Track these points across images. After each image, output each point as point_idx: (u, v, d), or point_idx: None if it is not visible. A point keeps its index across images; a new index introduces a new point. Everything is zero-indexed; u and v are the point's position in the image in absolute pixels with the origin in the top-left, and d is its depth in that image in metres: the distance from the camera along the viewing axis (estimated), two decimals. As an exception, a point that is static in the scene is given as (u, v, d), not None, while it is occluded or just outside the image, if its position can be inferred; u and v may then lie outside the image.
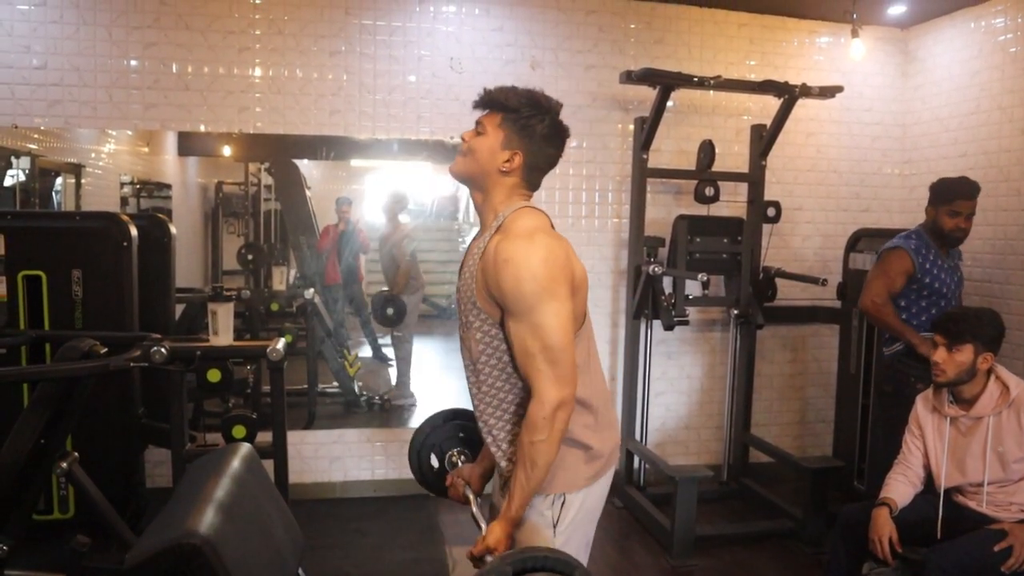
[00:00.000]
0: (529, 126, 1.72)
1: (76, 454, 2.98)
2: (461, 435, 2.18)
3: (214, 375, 2.93)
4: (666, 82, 3.80)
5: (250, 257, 4.57)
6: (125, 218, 3.48)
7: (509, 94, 1.74)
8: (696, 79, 3.80)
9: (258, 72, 3.99)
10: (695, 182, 4.19)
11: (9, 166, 4.17)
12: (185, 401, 2.95)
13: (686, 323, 4.13)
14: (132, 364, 2.65)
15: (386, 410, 4.53)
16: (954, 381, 2.69)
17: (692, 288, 4.22)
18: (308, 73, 4.03)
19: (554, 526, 1.73)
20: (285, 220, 4.52)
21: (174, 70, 3.90)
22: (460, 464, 2.12)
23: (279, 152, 4.22)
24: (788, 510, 3.94)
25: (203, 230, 4.52)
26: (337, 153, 4.21)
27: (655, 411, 4.52)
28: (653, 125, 3.95)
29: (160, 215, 3.96)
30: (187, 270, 4.36)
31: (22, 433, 2.73)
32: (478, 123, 1.77)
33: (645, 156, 4.06)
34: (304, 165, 4.34)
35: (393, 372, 4.68)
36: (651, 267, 3.89)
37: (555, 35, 4.27)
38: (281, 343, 2.94)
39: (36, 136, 3.99)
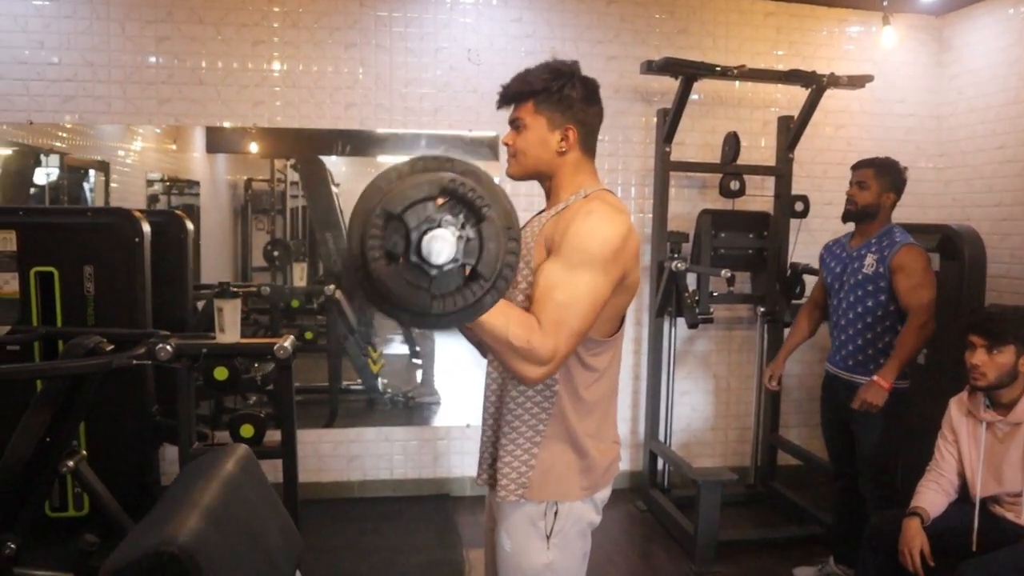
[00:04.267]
0: (565, 97, 1.64)
1: (84, 452, 2.95)
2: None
3: (221, 373, 2.88)
4: (688, 72, 3.67)
5: (275, 253, 4.53)
6: (137, 214, 3.44)
7: (529, 77, 1.66)
8: (719, 68, 3.67)
9: (273, 66, 3.94)
10: (720, 176, 4.06)
11: (39, 164, 4.21)
12: (192, 399, 2.89)
13: (711, 321, 4.00)
14: (135, 362, 2.60)
15: (409, 408, 4.45)
16: (994, 385, 2.54)
17: (717, 285, 4.09)
18: (323, 66, 3.97)
19: (547, 537, 1.63)
20: (311, 216, 4.48)
21: (188, 64, 3.86)
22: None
23: (304, 148, 4.18)
24: (817, 516, 3.79)
25: (232, 227, 4.50)
26: (360, 148, 4.15)
27: (680, 411, 4.40)
28: (675, 117, 3.82)
29: (177, 211, 3.93)
30: (216, 267, 4.37)
31: (27, 431, 2.69)
32: (513, 121, 1.69)
33: (668, 149, 3.94)
34: (332, 162, 4.29)
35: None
36: (674, 263, 3.77)
37: (575, 25, 4.16)
38: (288, 341, 2.87)
39: (63, 135, 3.99)
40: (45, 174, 4.24)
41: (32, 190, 4.18)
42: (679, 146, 4.15)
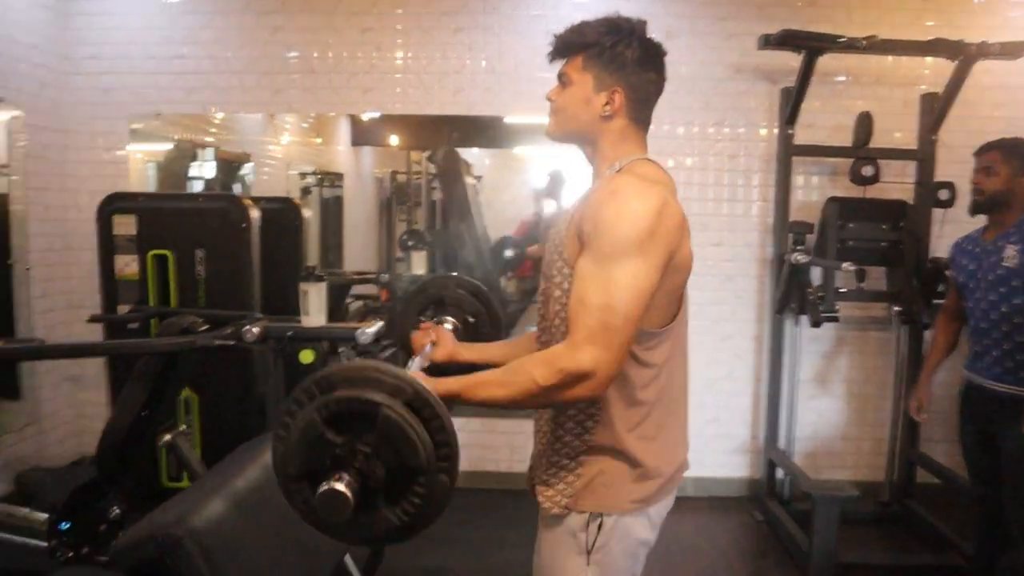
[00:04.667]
0: (618, 55, 1.45)
1: (183, 427, 3.05)
2: (471, 319, 1.95)
3: (306, 356, 2.87)
4: (809, 45, 3.34)
5: (410, 243, 4.60)
6: (247, 201, 3.53)
7: (583, 29, 1.48)
8: (843, 40, 3.31)
9: (383, 53, 3.94)
10: (851, 161, 3.68)
11: (195, 157, 4.46)
12: (280, 381, 2.92)
13: (835, 320, 3.62)
14: (218, 342, 2.64)
15: None
16: None
17: (846, 280, 3.72)
18: (432, 52, 3.94)
19: (588, 552, 1.43)
20: (445, 207, 4.50)
21: (300, 54, 3.94)
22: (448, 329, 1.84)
23: (439, 140, 4.19)
24: (957, 543, 3.36)
25: (378, 218, 4.61)
26: (495, 140, 4.14)
27: (806, 417, 4.04)
28: (798, 96, 3.50)
29: (293, 200, 4.02)
30: (361, 256, 4.52)
31: (125, 404, 2.80)
32: (560, 75, 1.52)
33: (791, 131, 3.62)
34: (475, 155, 4.29)
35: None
36: (794, 256, 3.45)
37: (692, 2, 3.90)
38: (374, 327, 2.83)
39: (213, 130, 4.23)
40: (199, 167, 4.53)
41: (189, 182, 4.45)
42: (808, 129, 3.81)
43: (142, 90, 3.97)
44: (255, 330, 2.79)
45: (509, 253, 4.34)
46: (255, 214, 3.52)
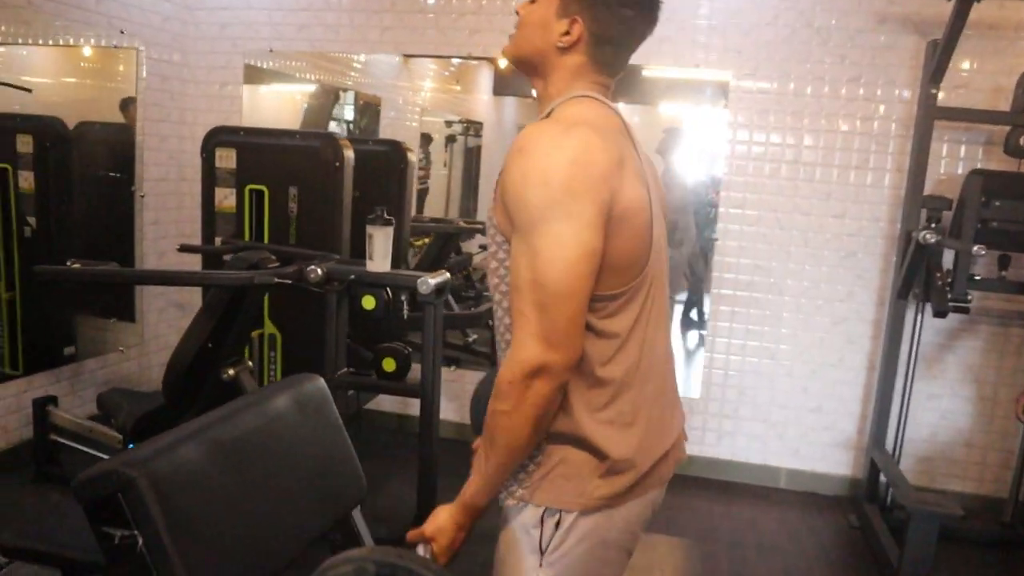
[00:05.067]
0: None
1: (250, 363, 3.10)
2: None
3: (368, 301, 2.82)
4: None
5: None
6: (343, 140, 3.50)
7: None
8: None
9: (491, -7, 3.78)
10: (1008, 129, 3.18)
11: (337, 99, 4.60)
12: (341, 325, 2.89)
13: (965, 311, 3.18)
14: (277, 280, 2.62)
15: None
16: None
17: (985, 267, 3.25)
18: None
19: (541, 552, 1.23)
20: None
21: (408, -8, 3.84)
22: None
23: None
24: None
25: None
26: (637, 95, 3.95)
27: (925, 417, 3.62)
28: (947, 49, 3.03)
29: (402, 143, 3.96)
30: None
31: (191, 335, 2.87)
32: None
33: (934, 91, 3.16)
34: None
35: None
36: (923, 234, 3.03)
37: (833, -61, 3.46)
38: (438, 279, 2.74)
39: (353, 74, 4.32)
40: (340, 108, 4.63)
41: (331, 123, 4.60)
42: (959, 90, 3.33)
43: (257, 26, 4.01)
44: (318, 271, 2.77)
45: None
46: (349, 154, 3.49)
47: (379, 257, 2.77)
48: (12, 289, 3.60)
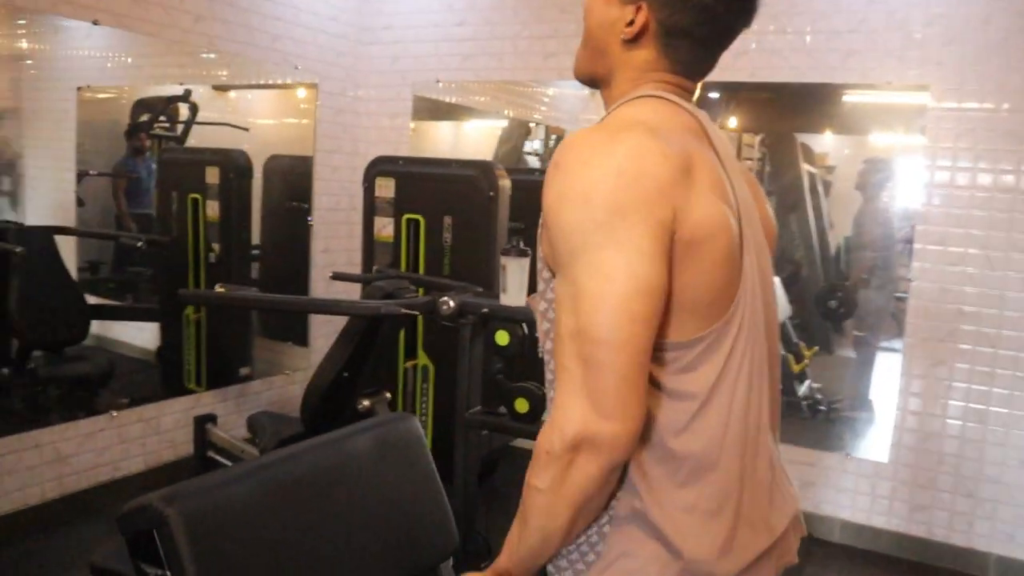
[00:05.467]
0: None
1: (387, 395, 3.05)
2: None
3: (502, 337, 2.66)
4: None
5: None
6: (499, 170, 3.42)
7: None
8: None
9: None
10: None
11: (528, 133, 4.68)
12: (476, 360, 2.74)
13: None
14: (406, 312, 2.53)
15: (830, 421, 3.68)
16: None
17: None
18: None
19: None
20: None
21: (573, 16, 3.70)
22: None
23: (773, 122, 3.90)
24: None
25: None
26: (844, 125, 3.67)
27: None
28: None
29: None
30: None
31: (329, 361, 2.86)
32: None
33: None
34: (827, 142, 3.89)
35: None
36: None
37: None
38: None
39: (543, 108, 4.39)
40: (530, 142, 4.71)
41: (524, 157, 4.64)
42: None
43: (424, 58, 4.06)
44: (450, 303, 2.66)
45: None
46: (505, 183, 3.39)
47: (513, 290, 2.61)
48: (199, 311, 3.84)
